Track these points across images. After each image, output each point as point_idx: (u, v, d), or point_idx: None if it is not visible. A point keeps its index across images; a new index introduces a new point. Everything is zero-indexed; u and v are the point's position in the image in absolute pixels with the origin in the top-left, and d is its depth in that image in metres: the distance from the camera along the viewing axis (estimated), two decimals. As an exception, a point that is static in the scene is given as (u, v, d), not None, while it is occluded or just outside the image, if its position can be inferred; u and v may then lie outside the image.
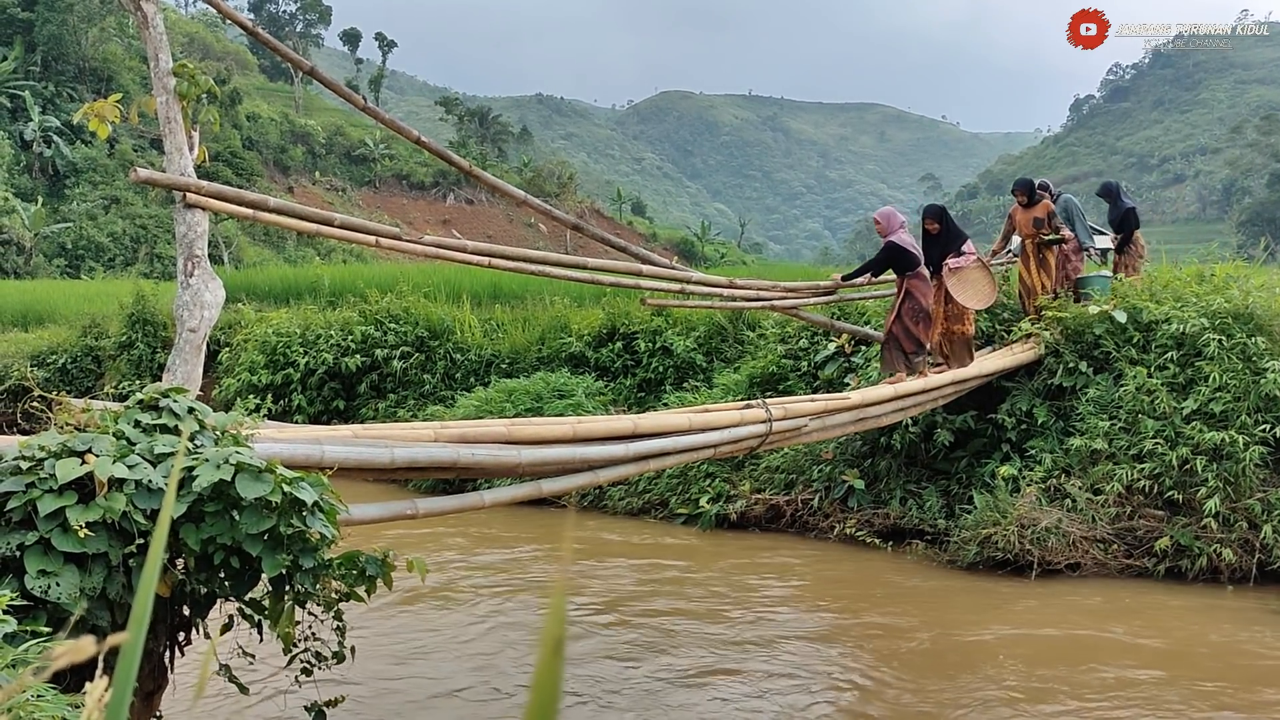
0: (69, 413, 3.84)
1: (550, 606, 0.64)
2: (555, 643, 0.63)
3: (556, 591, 0.63)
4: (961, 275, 9.42)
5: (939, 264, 9.52)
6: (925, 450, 10.74)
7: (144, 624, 0.74)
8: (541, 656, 0.63)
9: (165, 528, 0.76)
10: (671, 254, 58.35)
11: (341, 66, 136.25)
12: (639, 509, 12.01)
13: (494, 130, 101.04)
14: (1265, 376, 9.36)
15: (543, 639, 0.63)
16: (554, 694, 0.62)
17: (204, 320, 5.43)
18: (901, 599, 8.76)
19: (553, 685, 0.62)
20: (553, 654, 0.63)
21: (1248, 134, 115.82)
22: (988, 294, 9.63)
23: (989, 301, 9.81)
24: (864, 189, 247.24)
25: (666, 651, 7.23)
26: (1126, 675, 6.76)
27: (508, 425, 5.54)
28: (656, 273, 8.66)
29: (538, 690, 0.63)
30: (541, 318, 16.53)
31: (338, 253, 56.09)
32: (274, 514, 3.64)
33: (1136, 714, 6.12)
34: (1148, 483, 9.26)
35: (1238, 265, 11.23)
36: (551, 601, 0.64)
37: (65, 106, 58.20)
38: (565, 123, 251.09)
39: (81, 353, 19.58)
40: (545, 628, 0.64)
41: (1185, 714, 6.13)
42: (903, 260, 9.21)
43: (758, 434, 6.99)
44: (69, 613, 3.30)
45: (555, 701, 0.62)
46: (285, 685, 4.41)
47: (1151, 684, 6.61)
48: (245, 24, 6.36)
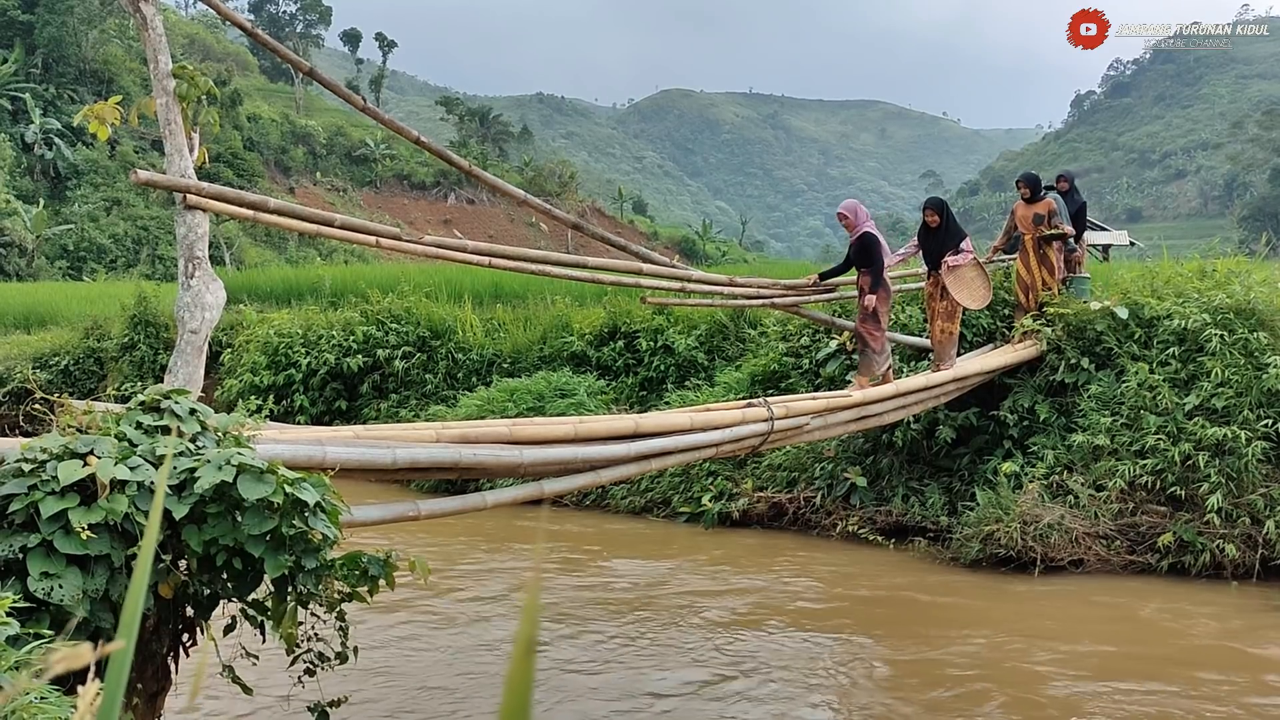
0: (71, 415, 3.84)
1: (523, 607, 0.63)
2: (527, 643, 0.63)
3: (530, 592, 0.63)
4: (960, 273, 9.36)
5: (936, 258, 9.42)
6: (927, 447, 10.73)
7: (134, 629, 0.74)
8: (514, 657, 0.62)
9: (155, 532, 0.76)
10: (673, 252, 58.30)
11: (342, 67, 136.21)
12: (641, 508, 12.02)
13: (494, 130, 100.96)
14: (1267, 372, 9.35)
15: (515, 639, 0.63)
16: (526, 694, 0.62)
17: (205, 321, 5.43)
18: (904, 596, 8.76)
19: (525, 685, 0.62)
20: (525, 654, 0.62)
21: (1249, 129, 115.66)
22: (983, 294, 9.54)
23: (984, 302, 9.71)
24: (865, 186, 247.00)
25: (664, 649, 7.23)
26: (1130, 671, 6.75)
27: (509, 425, 5.54)
28: (657, 271, 8.65)
29: (511, 691, 0.62)
30: (543, 317, 16.53)
31: (339, 253, 56.09)
32: (276, 515, 3.64)
33: (1140, 709, 6.11)
34: (1150, 479, 9.26)
35: (1239, 260, 11.22)
36: (525, 602, 0.63)
37: (66, 109, 58.16)
38: (566, 122, 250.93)
39: (83, 354, 19.60)
40: (518, 629, 0.63)
41: (1189, 709, 6.12)
42: (871, 253, 8.88)
43: (759, 433, 7.00)
44: (72, 615, 3.30)
45: (528, 702, 0.62)
46: (288, 685, 4.41)
47: (1155, 680, 6.60)
48: (245, 25, 6.36)
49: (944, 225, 9.52)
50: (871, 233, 8.87)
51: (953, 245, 9.41)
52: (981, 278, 9.53)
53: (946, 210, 9.71)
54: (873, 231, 8.89)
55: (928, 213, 9.64)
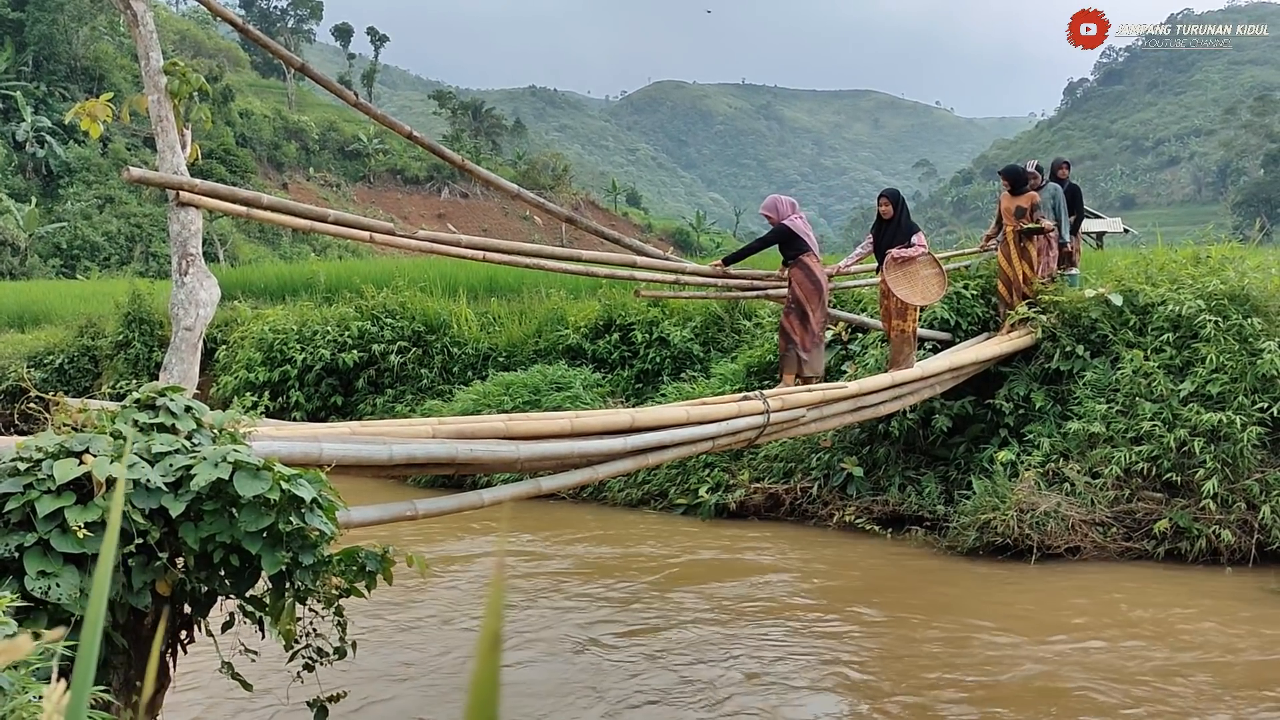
0: (66, 413, 3.84)
1: (488, 601, 0.63)
2: (493, 637, 0.62)
3: (493, 586, 0.63)
4: (906, 269, 8.98)
5: (886, 252, 9.09)
6: (924, 437, 10.75)
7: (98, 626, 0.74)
8: (480, 651, 0.62)
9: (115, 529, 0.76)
10: (667, 245, 58.33)
11: (334, 62, 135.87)
12: (638, 500, 12.03)
13: (487, 123, 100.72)
14: (1261, 357, 9.37)
15: (480, 634, 0.62)
16: (493, 690, 0.61)
17: (200, 318, 5.42)
18: (901, 585, 8.78)
19: (491, 681, 0.61)
20: (490, 649, 0.62)
21: (1242, 115, 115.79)
22: (935, 291, 9.11)
23: (933, 299, 9.30)
24: (859, 176, 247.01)
25: (656, 640, 7.24)
26: (1126, 657, 6.78)
27: (505, 420, 5.55)
28: (651, 264, 8.66)
29: (477, 687, 0.62)
30: (538, 310, 16.54)
31: (333, 249, 55.96)
32: (273, 511, 3.64)
33: (1138, 694, 6.14)
34: (1146, 465, 9.28)
35: (1233, 247, 11.23)
36: (489, 596, 0.63)
37: (57, 106, 57.99)
38: (559, 115, 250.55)
39: (78, 353, 19.57)
40: (483, 623, 0.63)
41: (1185, 695, 6.15)
42: (790, 244, 8.53)
43: (756, 426, 7.00)
44: (70, 613, 3.30)
45: (495, 697, 0.61)
46: (287, 681, 4.41)
47: (1151, 666, 6.62)
48: (235, 21, 6.34)
49: (897, 218, 9.16)
50: (784, 224, 8.51)
51: (903, 239, 9.04)
52: (936, 275, 9.13)
53: (901, 203, 9.34)
54: (788, 224, 8.51)
55: (882, 202, 9.29)
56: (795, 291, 8.50)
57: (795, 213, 8.66)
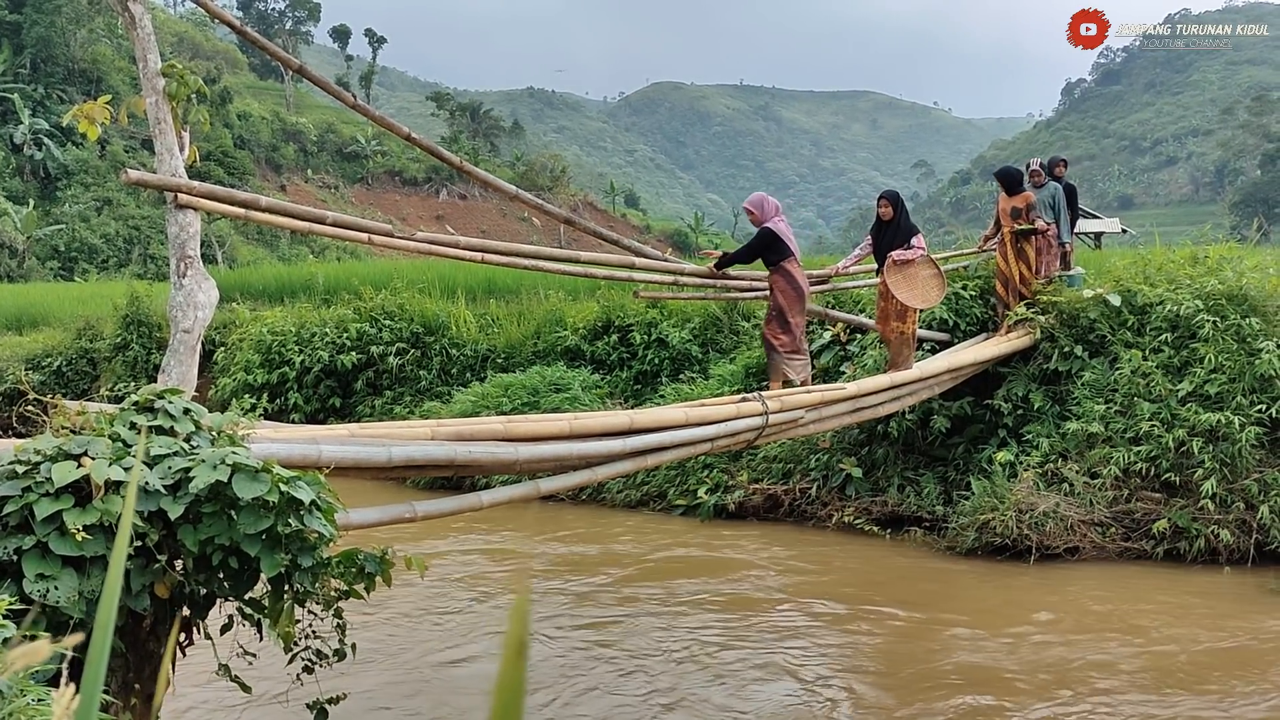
0: (64, 415, 3.84)
1: (513, 610, 0.63)
2: (518, 645, 0.62)
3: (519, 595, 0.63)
4: (907, 271, 8.94)
5: (886, 254, 9.03)
6: (922, 437, 10.75)
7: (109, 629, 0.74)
8: (504, 659, 0.62)
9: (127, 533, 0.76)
10: (665, 246, 58.27)
11: (331, 63, 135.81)
12: (637, 501, 12.03)
13: (485, 125, 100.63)
14: (1260, 357, 9.38)
15: (505, 642, 0.62)
16: (518, 697, 0.62)
17: (198, 320, 5.42)
18: (900, 586, 8.78)
19: (517, 688, 0.62)
20: (515, 656, 0.62)
21: (1239, 115, 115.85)
22: (934, 294, 9.08)
23: (934, 302, 9.27)
24: (857, 177, 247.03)
25: (657, 641, 7.24)
26: (1125, 657, 6.78)
27: (504, 422, 5.55)
28: (649, 265, 8.66)
29: (501, 692, 0.62)
30: (536, 312, 16.53)
31: (331, 250, 55.91)
32: (271, 514, 3.64)
33: (1135, 695, 6.14)
34: (1144, 465, 9.28)
35: (1231, 247, 11.24)
36: (514, 605, 0.63)
37: (55, 108, 57.91)
38: (557, 116, 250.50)
39: (76, 355, 19.56)
40: (508, 631, 0.63)
41: (1183, 694, 6.15)
42: (773, 249, 8.38)
43: (754, 427, 7.00)
44: (69, 616, 3.30)
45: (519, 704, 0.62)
46: (286, 684, 4.41)
47: (1150, 665, 6.63)
48: (233, 23, 6.34)
49: (897, 219, 9.09)
50: (769, 227, 8.37)
51: (902, 241, 8.99)
52: (935, 277, 9.11)
53: (901, 204, 9.26)
54: (770, 226, 8.38)
55: (881, 204, 9.24)
56: (777, 299, 8.39)
57: (778, 215, 8.55)
